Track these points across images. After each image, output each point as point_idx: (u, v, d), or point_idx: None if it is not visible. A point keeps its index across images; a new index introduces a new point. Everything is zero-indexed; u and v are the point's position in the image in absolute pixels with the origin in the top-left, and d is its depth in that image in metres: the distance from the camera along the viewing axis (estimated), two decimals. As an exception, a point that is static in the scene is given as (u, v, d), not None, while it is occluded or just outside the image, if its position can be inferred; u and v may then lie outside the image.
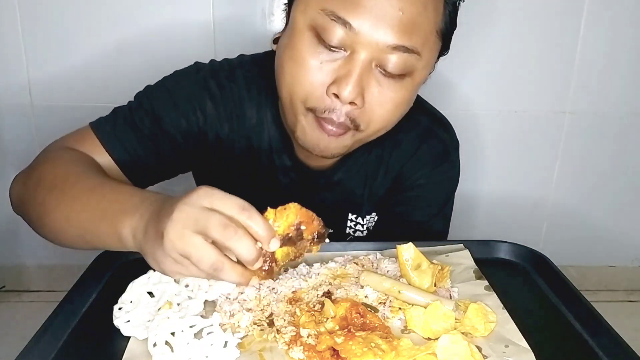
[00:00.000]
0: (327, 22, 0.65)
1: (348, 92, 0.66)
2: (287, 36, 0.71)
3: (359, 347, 0.53)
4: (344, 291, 0.65)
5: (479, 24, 1.55)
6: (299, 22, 0.68)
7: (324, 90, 0.68)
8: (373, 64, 0.67)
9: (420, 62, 0.68)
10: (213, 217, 0.51)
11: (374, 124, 0.72)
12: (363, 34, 0.65)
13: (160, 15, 1.50)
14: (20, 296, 1.79)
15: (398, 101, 0.71)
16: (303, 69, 0.68)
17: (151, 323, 0.57)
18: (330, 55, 0.67)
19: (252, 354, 0.56)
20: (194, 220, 0.52)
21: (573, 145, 1.71)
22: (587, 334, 0.61)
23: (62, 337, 0.58)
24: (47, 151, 0.77)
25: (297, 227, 0.58)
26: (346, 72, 0.66)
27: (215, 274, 0.53)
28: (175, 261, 0.53)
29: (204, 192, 0.53)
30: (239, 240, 0.52)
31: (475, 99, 1.64)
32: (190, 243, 0.52)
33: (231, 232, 0.51)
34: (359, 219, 0.92)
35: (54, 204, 0.66)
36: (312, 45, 0.67)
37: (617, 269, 1.92)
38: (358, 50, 0.66)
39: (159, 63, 1.50)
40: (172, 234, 0.52)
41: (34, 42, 1.50)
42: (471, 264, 0.73)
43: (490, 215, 1.78)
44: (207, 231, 0.51)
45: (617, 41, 1.59)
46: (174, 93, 0.81)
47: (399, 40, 0.65)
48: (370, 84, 0.68)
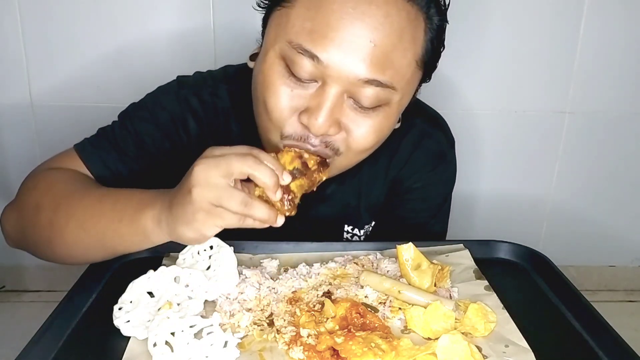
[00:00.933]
0: (295, 54, 0.63)
1: (319, 125, 0.64)
2: (260, 62, 0.69)
3: (359, 347, 0.53)
4: (344, 291, 0.65)
5: (479, 24, 1.55)
6: (269, 50, 0.66)
7: (295, 118, 0.66)
8: (345, 96, 0.65)
9: (396, 94, 0.65)
10: (230, 156, 0.56)
11: (354, 149, 0.69)
12: (332, 67, 0.62)
13: (160, 17, 1.49)
14: (20, 296, 1.78)
15: (377, 128, 0.68)
16: (274, 96, 0.66)
17: (151, 323, 0.57)
18: (301, 86, 0.65)
19: (252, 354, 0.56)
20: (214, 166, 0.55)
21: (573, 145, 1.71)
22: (587, 334, 0.61)
23: (62, 337, 0.58)
24: (32, 176, 0.76)
25: (299, 157, 0.63)
26: (317, 103, 0.64)
27: (247, 210, 0.56)
28: (208, 212, 0.56)
29: (212, 147, 0.58)
30: (259, 166, 0.56)
31: (475, 98, 1.64)
32: (217, 186, 0.55)
33: (250, 160, 0.56)
34: (356, 230, 0.90)
35: (64, 221, 0.66)
36: (283, 76, 0.65)
37: (617, 269, 1.92)
38: (329, 83, 0.63)
39: (159, 65, 1.51)
40: (198, 185, 0.55)
41: (34, 42, 1.50)
42: (471, 264, 0.73)
43: (490, 215, 1.78)
44: (230, 168, 0.55)
45: (617, 41, 1.59)
46: (155, 114, 0.80)
47: (371, 74, 0.62)
48: (344, 113, 0.66)
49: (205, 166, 0.56)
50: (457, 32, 1.57)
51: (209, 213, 0.56)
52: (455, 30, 1.52)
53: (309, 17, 0.62)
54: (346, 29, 0.60)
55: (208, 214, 0.56)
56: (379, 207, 0.89)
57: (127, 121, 0.80)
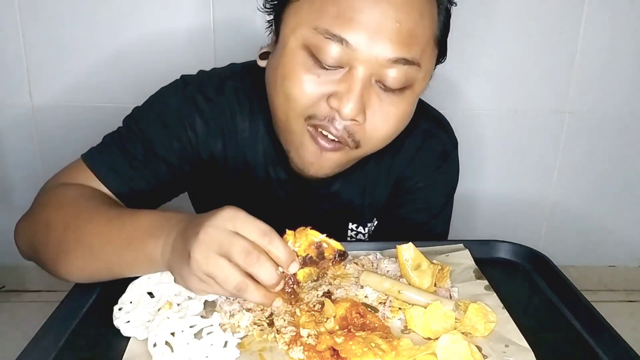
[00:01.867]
0: (321, 40, 0.62)
1: (350, 109, 0.64)
2: (277, 56, 0.68)
3: (359, 347, 0.53)
4: (344, 291, 0.65)
5: (480, 24, 1.55)
6: (291, 41, 0.65)
7: (324, 99, 0.65)
8: (373, 80, 0.65)
9: (420, 72, 0.67)
10: (236, 243, 0.54)
11: (374, 140, 0.70)
12: (361, 50, 0.62)
13: (160, 18, 1.49)
14: (20, 296, 1.78)
15: (400, 116, 0.69)
16: (299, 84, 0.65)
17: (151, 323, 0.57)
18: (327, 73, 0.64)
19: (252, 354, 0.56)
20: (218, 243, 0.54)
21: (573, 145, 1.71)
22: (587, 334, 0.61)
23: (62, 337, 0.58)
24: (45, 192, 0.75)
25: (317, 247, 0.60)
26: (347, 88, 0.64)
27: (240, 294, 0.55)
28: (201, 280, 0.56)
29: (229, 214, 0.55)
30: (260, 267, 0.54)
31: (476, 98, 1.64)
32: (215, 264, 0.54)
33: (253, 259, 0.54)
34: (360, 228, 0.91)
35: (73, 243, 0.66)
36: (307, 65, 0.65)
37: (617, 269, 1.92)
38: (357, 67, 0.63)
39: (159, 65, 1.51)
40: (198, 255, 0.54)
41: (34, 43, 1.50)
42: (471, 263, 0.73)
43: (490, 215, 1.78)
44: (230, 256, 0.54)
45: (617, 41, 1.59)
46: (161, 114, 0.78)
47: (399, 53, 0.63)
48: (371, 100, 0.66)
49: (210, 239, 0.54)
50: (457, 32, 1.57)
51: (201, 281, 0.56)
52: (455, 31, 1.52)
53: (332, 2, 0.62)
54: (371, 10, 0.61)
55: (201, 282, 0.56)
56: (381, 206, 0.89)
57: (133, 125, 0.79)
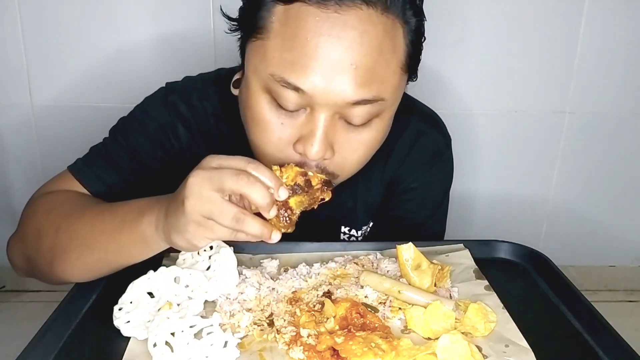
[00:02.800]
0: (279, 87, 0.62)
1: (315, 152, 0.63)
2: (244, 93, 0.68)
3: (359, 347, 0.53)
4: (344, 291, 0.65)
5: (479, 24, 1.55)
6: (253, 82, 0.65)
7: (290, 147, 0.66)
8: (336, 117, 0.64)
9: (385, 104, 0.65)
10: (224, 171, 0.55)
11: (348, 169, 0.70)
12: (318, 96, 0.61)
13: (160, 19, 1.49)
14: (20, 296, 1.78)
15: (369, 144, 0.68)
16: (266, 131, 0.66)
17: (151, 323, 0.57)
18: (290, 116, 0.64)
19: (252, 354, 0.56)
20: (208, 179, 0.55)
21: (573, 145, 1.71)
22: (587, 334, 0.61)
23: (62, 337, 0.58)
24: (31, 204, 0.76)
25: (303, 175, 0.61)
26: (309, 130, 0.64)
27: (239, 226, 0.55)
28: (199, 224, 0.56)
29: (210, 157, 0.57)
30: (252, 186, 0.54)
31: (475, 99, 1.64)
32: (209, 200, 0.54)
33: (244, 180, 0.54)
34: (353, 232, 0.90)
35: (66, 241, 0.66)
36: (271, 108, 0.65)
37: (617, 269, 1.91)
38: (317, 109, 0.63)
39: (159, 66, 1.50)
40: (191, 197, 0.55)
41: (34, 43, 1.50)
42: (471, 263, 0.73)
43: (490, 215, 1.78)
44: (222, 184, 0.54)
45: (617, 41, 1.59)
46: (145, 124, 0.80)
47: (358, 95, 0.61)
48: (336, 135, 0.65)
49: (199, 178, 0.55)
50: (457, 33, 1.57)
51: (200, 225, 0.56)
52: (455, 31, 1.52)
53: (287, 48, 0.61)
54: (325, 55, 0.59)
55: (199, 226, 0.56)
56: (375, 208, 0.89)
57: (118, 135, 0.80)
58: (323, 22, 0.59)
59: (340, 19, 0.59)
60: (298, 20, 0.60)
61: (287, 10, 0.61)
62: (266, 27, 0.62)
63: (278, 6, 0.61)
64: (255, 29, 0.64)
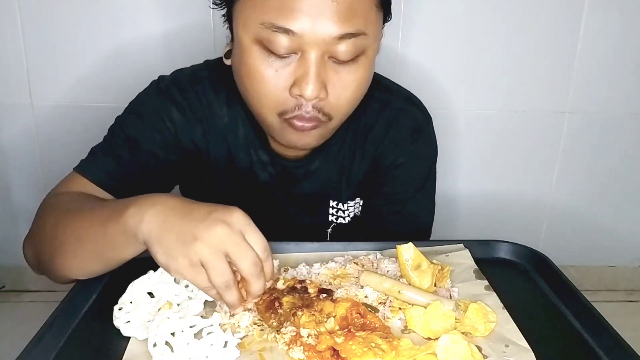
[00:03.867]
0: (270, 34, 0.67)
1: (310, 91, 0.68)
2: (237, 54, 0.73)
3: (359, 347, 0.53)
4: (344, 291, 0.65)
5: (479, 24, 1.55)
6: (243, 38, 0.70)
7: (287, 93, 0.70)
8: (326, 57, 0.69)
9: (368, 39, 0.70)
10: (250, 253, 0.57)
11: (342, 108, 0.74)
12: (307, 36, 0.66)
13: (160, 17, 1.49)
14: (20, 296, 1.78)
15: (359, 81, 0.73)
16: (261, 82, 0.70)
17: (151, 323, 0.57)
18: (283, 62, 0.69)
19: (252, 354, 0.56)
20: (233, 243, 0.56)
21: (573, 145, 1.71)
22: (587, 334, 0.61)
23: (62, 337, 0.58)
24: (41, 205, 0.78)
25: (300, 282, 0.65)
26: (303, 72, 0.68)
27: (223, 290, 0.57)
28: (191, 264, 0.56)
29: (243, 217, 0.58)
30: (259, 279, 0.58)
31: (475, 98, 1.63)
32: (218, 257, 0.56)
33: (258, 270, 0.58)
34: (340, 205, 0.93)
35: (62, 235, 0.68)
36: (263, 58, 0.69)
37: (617, 269, 1.91)
38: (308, 50, 0.67)
39: (158, 65, 1.50)
40: (208, 243, 0.56)
41: (34, 43, 1.50)
42: (471, 263, 0.73)
43: (490, 215, 1.78)
44: (239, 261, 0.57)
45: (617, 41, 1.59)
46: (139, 112, 0.83)
47: (342, 29, 0.67)
48: (328, 75, 0.70)
49: (225, 235, 0.56)
50: (456, 32, 1.58)
51: (190, 265, 0.56)
52: (455, 31, 1.52)
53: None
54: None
55: (189, 266, 0.56)
56: (359, 181, 0.91)
57: (116, 129, 0.83)
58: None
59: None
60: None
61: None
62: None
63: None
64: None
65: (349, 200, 0.93)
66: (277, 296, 0.62)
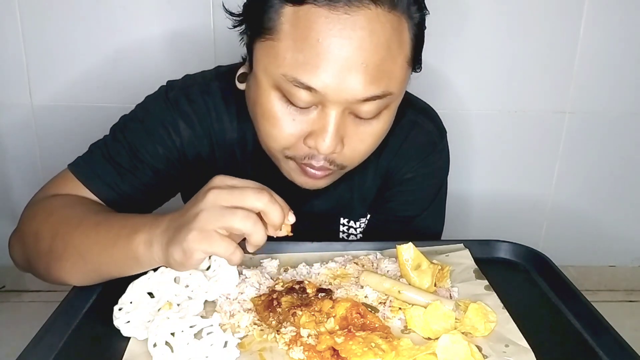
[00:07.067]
0: (291, 87, 0.63)
1: (327, 147, 0.65)
2: (253, 88, 0.69)
3: (359, 347, 0.53)
4: (344, 291, 0.65)
5: (479, 24, 1.55)
6: (263, 80, 0.66)
7: (301, 142, 0.68)
8: (346, 112, 0.66)
9: (393, 97, 0.67)
10: (246, 188, 0.57)
11: (357, 159, 0.72)
12: (330, 94, 0.62)
13: (160, 18, 1.49)
14: (20, 296, 1.78)
15: (378, 135, 0.70)
16: (276, 127, 0.67)
17: (151, 323, 0.57)
18: (301, 113, 0.66)
19: (252, 354, 0.56)
20: (227, 193, 0.56)
21: (573, 145, 1.71)
22: (587, 334, 0.61)
23: (62, 337, 0.58)
24: (32, 205, 0.76)
25: (299, 283, 0.65)
26: (321, 126, 0.65)
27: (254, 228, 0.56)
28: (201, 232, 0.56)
29: (222, 176, 0.59)
30: (274, 205, 0.58)
31: (475, 99, 1.64)
32: (226, 209, 0.56)
33: (267, 197, 0.57)
34: (352, 223, 0.91)
35: (62, 249, 0.66)
36: (281, 105, 0.66)
37: (617, 269, 1.92)
38: (329, 106, 0.64)
39: (159, 66, 1.50)
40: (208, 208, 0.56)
41: (34, 43, 1.50)
42: (471, 263, 0.73)
43: (490, 215, 1.78)
44: (244, 199, 0.56)
45: (617, 41, 1.59)
46: (145, 122, 0.80)
47: (368, 92, 0.63)
48: (347, 129, 0.67)
49: (217, 194, 0.56)
50: (456, 32, 1.57)
51: (201, 234, 0.56)
52: (455, 31, 1.52)
53: (299, 50, 0.61)
54: (336, 56, 0.61)
55: (200, 235, 0.56)
56: (371, 198, 0.89)
57: (118, 133, 0.80)
58: (333, 24, 0.60)
59: (350, 20, 0.60)
60: (309, 22, 0.61)
61: (297, 12, 0.61)
62: (275, 28, 0.63)
63: (287, 7, 0.62)
64: (263, 29, 0.64)
65: (362, 217, 0.91)
66: (275, 296, 0.62)
